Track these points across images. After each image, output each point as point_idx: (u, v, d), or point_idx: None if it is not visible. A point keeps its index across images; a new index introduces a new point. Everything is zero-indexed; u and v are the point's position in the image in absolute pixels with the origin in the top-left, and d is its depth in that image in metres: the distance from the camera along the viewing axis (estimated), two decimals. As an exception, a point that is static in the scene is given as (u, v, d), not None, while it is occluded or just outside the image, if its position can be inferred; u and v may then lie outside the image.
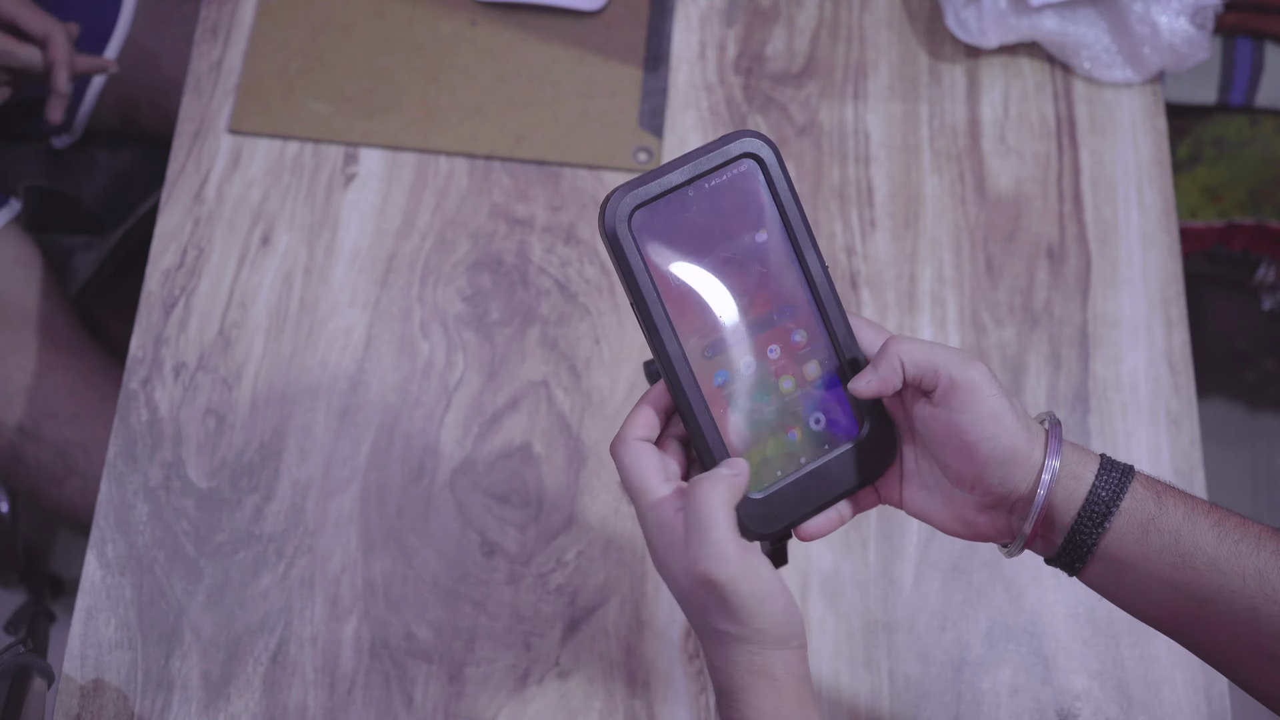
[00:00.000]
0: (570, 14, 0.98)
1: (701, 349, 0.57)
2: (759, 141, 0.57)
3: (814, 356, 0.59)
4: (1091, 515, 0.56)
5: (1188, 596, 0.55)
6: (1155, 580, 0.55)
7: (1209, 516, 0.55)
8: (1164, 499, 0.56)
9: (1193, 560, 0.54)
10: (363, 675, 0.79)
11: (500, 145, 0.94)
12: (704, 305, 0.57)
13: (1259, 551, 0.54)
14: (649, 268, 0.56)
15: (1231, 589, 0.54)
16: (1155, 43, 0.94)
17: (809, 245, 0.58)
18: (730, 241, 0.57)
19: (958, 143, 0.96)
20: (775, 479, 0.59)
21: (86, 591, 0.80)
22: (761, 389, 0.58)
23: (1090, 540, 0.56)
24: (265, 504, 0.83)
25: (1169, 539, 0.55)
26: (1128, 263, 0.92)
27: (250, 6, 0.97)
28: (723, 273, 0.57)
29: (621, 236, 0.55)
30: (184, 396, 0.85)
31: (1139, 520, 0.55)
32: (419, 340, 0.88)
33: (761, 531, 0.59)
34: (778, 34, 0.99)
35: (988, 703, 0.80)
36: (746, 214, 0.57)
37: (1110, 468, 0.56)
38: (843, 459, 0.59)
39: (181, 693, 0.78)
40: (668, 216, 0.56)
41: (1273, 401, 1.64)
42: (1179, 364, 0.89)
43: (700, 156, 0.56)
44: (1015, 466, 0.56)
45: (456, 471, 0.84)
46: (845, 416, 0.60)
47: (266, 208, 0.91)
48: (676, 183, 0.56)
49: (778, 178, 0.57)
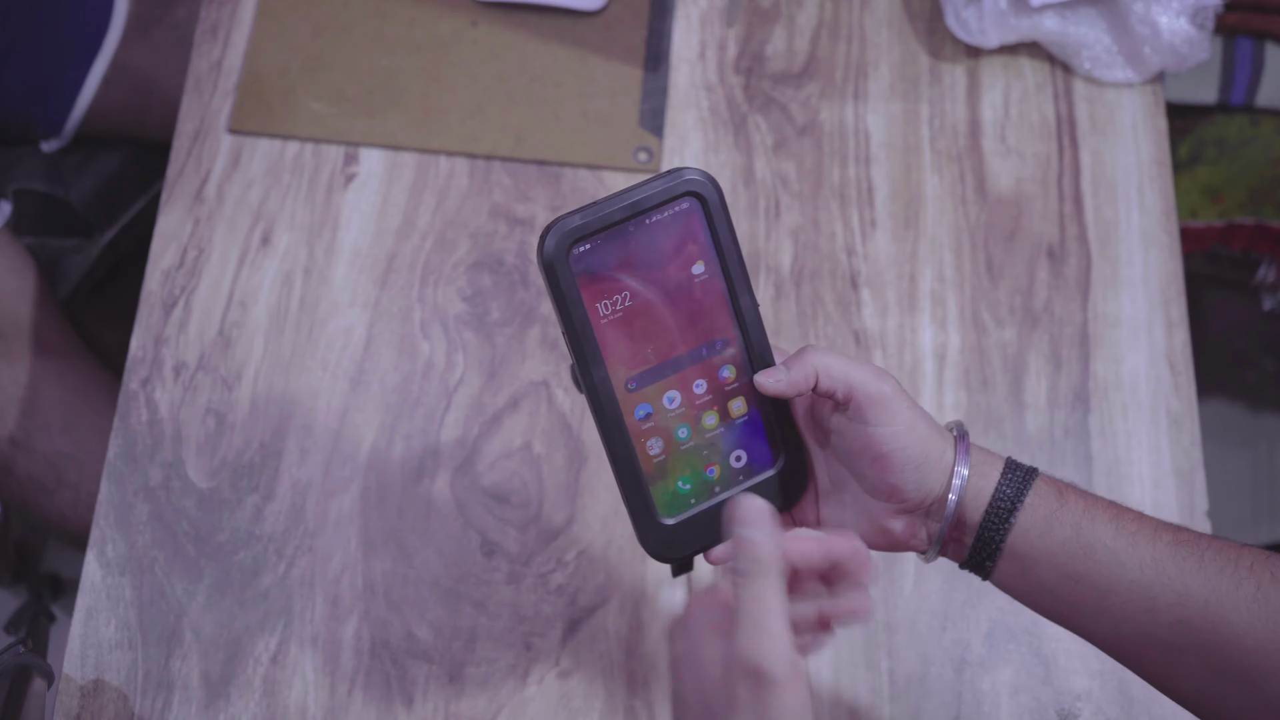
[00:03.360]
0: (570, 14, 0.98)
1: (625, 381, 0.58)
2: (702, 179, 0.57)
3: (740, 393, 0.61)
4: (997, 512, 0.58)
5: (1090, 589, 0.57)
6: (1059, 574, 0.58)
7: (1107, 511, 0.58)
8: (1065, 495, 0.58)
9: (1093, 552, 0.57)
10: (363, 675, 0.79)
11: (500, 145, 0.94)
12: (633, 339, 0.58)
13: (1155, 543, 0.57)
14: (583, 299, 0.57)
15: (1129, 579, 0.56)
16: (1156, 43, 0.94)
17: (743, 284, 0.59)
18: (666, 277, 0.58)
19: (958, 143, 0.96)
20: (689, 507, 0.61)
21: (86, 591, 0.80)
22: (683, 424, 0.60)
23: (998, 537, 0.58)
24: (265, 504, 0.83)
25: (1070, 532, 0.57)
26: (1128, 263, 0.92)
27: (250, 6, 0.97)
28: (655, 308, 0.58)
29: (559, 268, 0.56)
30: (184, 396, 0.85)
31: (1042, 515, 0.58)
32: (419, 340, 0.88)
33: (669, 556, 0.61)
34: (778, 34, 0.99)
35: (988, 703, 0.80)
36: (684, 251, 0.58)
37: (1014, 468, 0.59)
38: (756, 490, 0.61)
39: (182, 693, 0.78)
40: (606, 250, 0.57)
41: (1273, 401, 1.64)
42: (1179, 364, 0.89)
43: (643, 192, 0.57)
44: (929, 470, 0.58)
45: (456, 471, 0.84)
46: (763, 451, 0.61)
47: (266, 208, 0.91)
48: (617, 218, 0.56)
49: (718, 216, 0.58)
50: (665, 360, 0.59)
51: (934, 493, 0.59)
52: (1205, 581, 0.55)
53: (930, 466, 0.58)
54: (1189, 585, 0.56)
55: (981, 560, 0.59)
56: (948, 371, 0.88)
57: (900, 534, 0.60)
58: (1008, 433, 0.87)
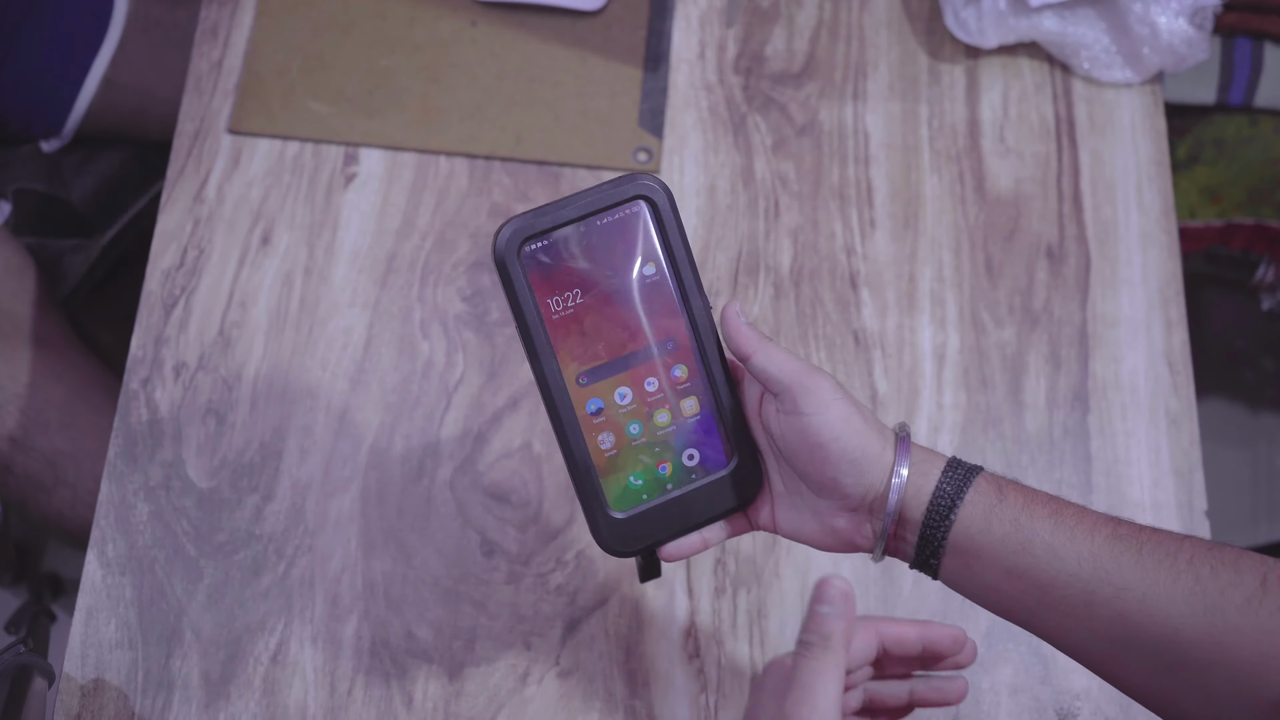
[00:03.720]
0: (570, 14, 0.98)
1: (576, 377, 0.60)
2: (654, 185, 0.60)
3: (692, 392, 0.62)
4: (938, 509, 0.59)
5: (1030, 584, 0.58)
6: (1000, 569, 0.58)
7: (1047, 506, 0.58)
8: (1005, 491, 0.59)
9: (1032, 547, 0.57)
10: (363, 675, 0.79)
11: (500, 145, 0.94)
12: (585, 335, 0.60)
13: (1093, 536, 0.57)
14: (534, 295, 0.59)
15: (1068, 573, 0.57)
16: (1154, 43, 0.94)
17: (694, 286, 0.61)
18: (617, 277, 0.60)
19: (957, 143, 0.96)
20: (640, 502, 0.62)
21: (87, 591, 0.80)
22: (635, 420, 0.61)
23: (939, 534, 0.59)
24: (265, 504, 0.83)
25: (1010, 527, 0.58)
26: (1127, 263, 0.92)
27: (250, 6, 0.97)
28: (607, 306, 0.60)
29: (510, 265, 0.59)
30: (184, 396, 0.86)
31: (981, 511, 0.58)
32: (419, 340, 0.88)
33: (619, 549, 0.62)
34: (777, 34, 0.99)
35: (987, 702, 0.80)
36: (634, 253, 0.60)
37: (956, 466, 0.60)
38: (710, 488, 0.62)
39: (182, 692, 0.78)
40: (558, 249, 0.59)
41: (1272, 401, 1.64)
42: (1178, 364, 0.89)
43: (596, 194, 0.59)
44: (868, 465, 0.59)
45: (456, 471, 0.84)
46: (716, 451, 0.63)
47: (266, 208, 0.91)
48: (568, 218, 0.59)
49: (669, 220, 0.60)
50: (617, 357, 0.61)
51: (875, 490, 0.59)
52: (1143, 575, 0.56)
53: (869, 462, 0.59)
54: (1126, 579, 0.56)
55: (926, 558, 0.60)
56: (947, 371, 0.89)
57: (847, 533, 0.61)
58: (1007, 432, 0.87)
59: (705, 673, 0.80)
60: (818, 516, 0.61)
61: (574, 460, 0.61)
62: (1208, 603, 0.54)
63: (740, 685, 0.79)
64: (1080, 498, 0.85)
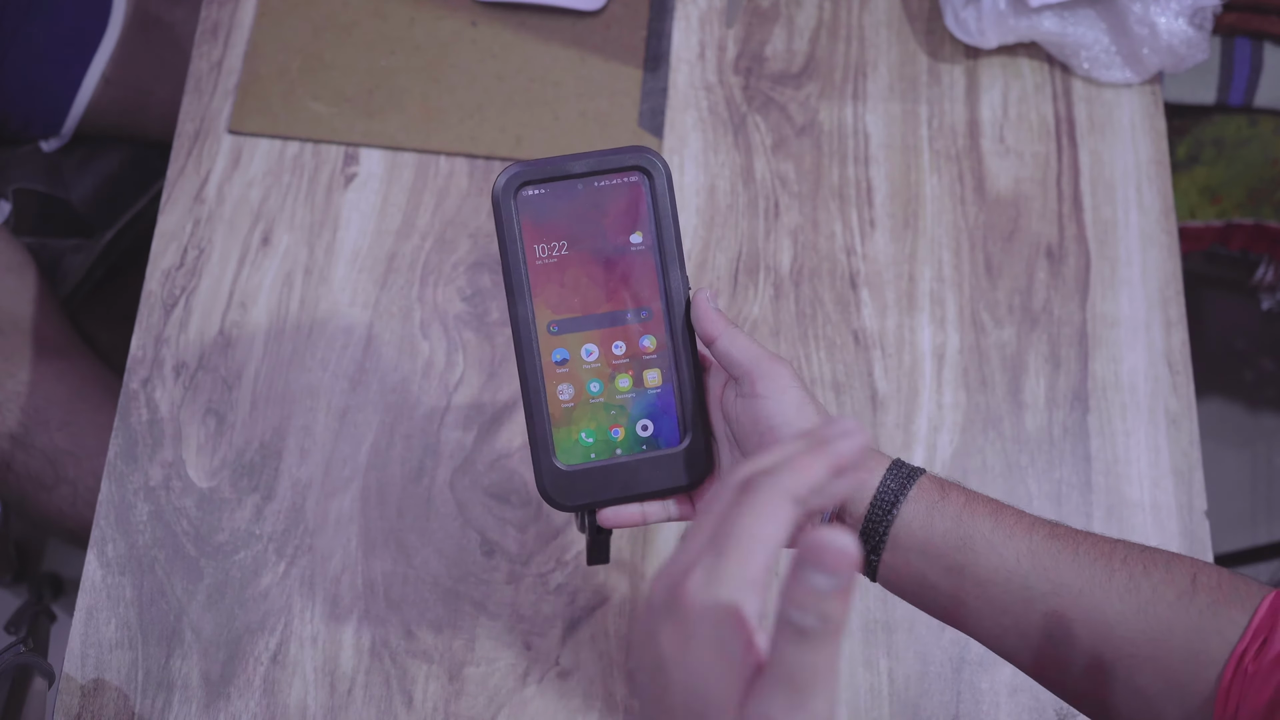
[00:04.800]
0: (570, 14, 0.98)
1: (548, 323, 0.62)
2: (654, 159, 0.62)
3: (657, 365, 0.64)
4: (881, 504, 0.60)
5: (970, 580, 0.58)
6: (941, 566, 0.59)
7: (987, 506, 0.59)
8: (947, 490, 0.60)
9: (972, 542, 0.58)
10: (363, 675, 0.79)
11: (500, 145, 0.94)
12: (563, 286, 0.62)
13: (1031, 535, 0.58)
14: (522, 238, 0.61)
15: (1007, 569, 0.58)
16: (1154, 43, 0.94)
17: (676, 262, 0.63)
18: (604, 239, 0.62)
19: (957, 143, 0.96)
20: (587, 460, 0.63)
21: (87, 591, 0.80)
22: (596, 378, 0.63)
23: (881, 528, 0.60)
24: (265, 504, 0.83)
25: (951, 523, 0.59)
26: (1127, 263, 0.93)
27: (250, 6, 0.97)
28: (589, 264, 0.62)
29: (504, 203, 0.61)
30: (184, 396, 0.86)
31: (924, 507, 0.59)
32: (419, 340, 0.88)
33: (559, 501, 0.63)
34: (777, 34, 0.99)
35: (987, 702, 0.80)
36: (625, 219, 0.63)
37: (900, 466, 0.61)
38: (657, 463, 0.64)
39: (182, 692, 0.78)
40: (553, 199, 0.62)
41: (1271, 401, 1.64)
42: (1178, 364, 0.90)
43: (599, 157, 0.62)
44: None
45: (456, 471, 0.84)
46: (671, 427, 0.64)
47: (267, 208, 0.91)
48: (568, 172, 0.62)
49: (662, 195, 0.62)
50: (589, 314, 0.63)
51: None
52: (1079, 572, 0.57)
53: None
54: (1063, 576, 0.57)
55: (867, 555, 0.60)
56: (946, 371, 0.89)
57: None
58: (1006, 432, 0.87)
59: (705, 673, 0.80)
60: None
61: (530, 403, 0.62)
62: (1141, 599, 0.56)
63: (740, 685, 0.79)
64: (1080, 497, 0.85)
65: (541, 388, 0.62)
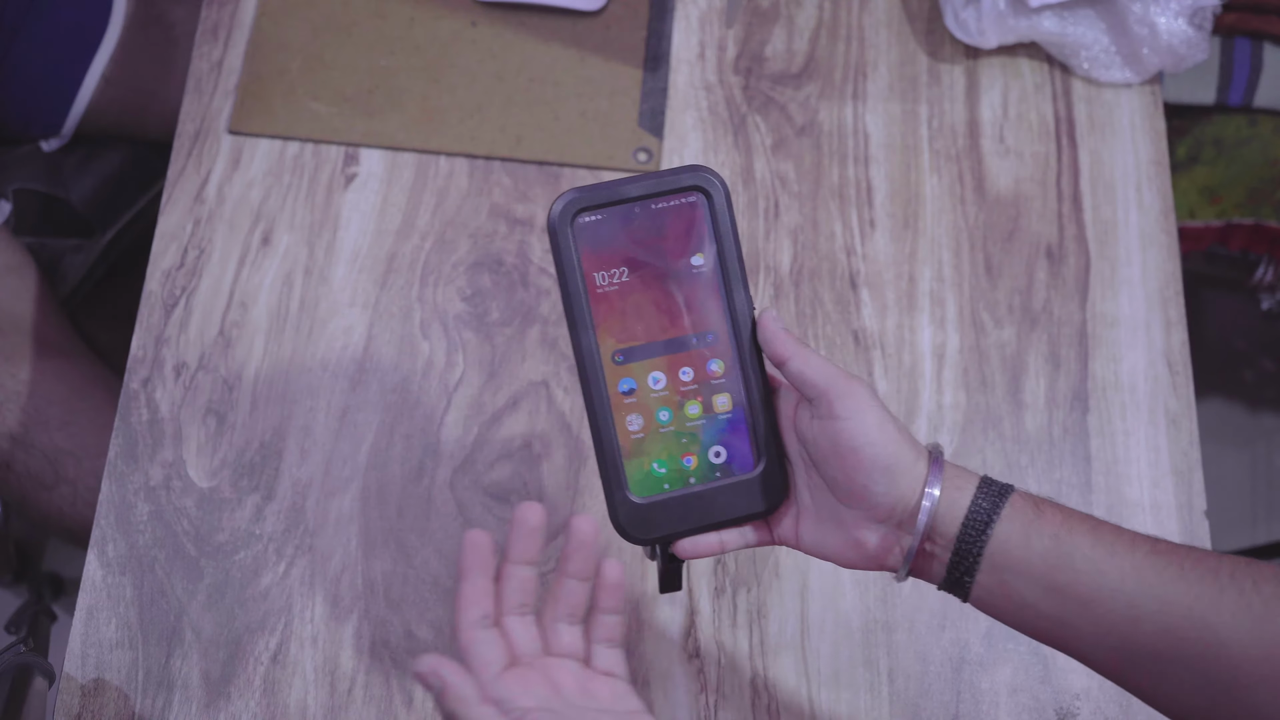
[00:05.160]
0: (570, 14, 0.98)
1: (612, 353, 0.60)
2: (711, 178, 0.60)
3: (727, 390, 0.62)
4: (974, 523, 0.58)
5: (1071, 599, 0.57)
6: (1041, 586, 0.57)
7: (1085, 522, 0.58)
8: (1041, 507, 0.58)
9: (1072, 561, 0.57)
10: (363, 675, 0.79)
11: (500, 145, 0.94)
12: (625, 314, 0.60)
13: (1134, 551, 0.57)
14: (581, 266, 0.60)
15: (1111, 588, 0.56)
16: (1154, 43, 0.94)
17: (739, 282, 0.61)
18: (664, 263, 0.61)
19: (957, 143, 0.96)
20: (661, 490, 0.62)
21: (87, 591, 0.81)
22: (665, 406, 0.61)
23: (975, 549, 0.58)
24: (265, 504, 0.83)
25: (1049, 542, 0.57)
26: (1127, 263, 0.93)
27: (250, 6, 0.97)
28: (652, 289, 0.61)
29: (561, 232, 0.59)
30: (184, 396, 0.86)
31: (1020, 526, 0.57)
32: (419, 340, 0.88)
33: (633, 535, 0.61)
34: (777, 34, 0.99)
35: (987, 702, 0.80)
36: (685, 241, 0.61)
37: (990, 484, 0.59)
38: (732, 490, 0.62)
39: (182, 692, 0.78)
40: (611, 226, 0.60)
41: (1271, 401, 1.64)
42: (1178, 364, 0.90)
43: (655, 179, 0.60)
44: (900, 475, 0.58)
45: (457, 471, 0.84)
46: (744, 452, 0.62)
47: (267, 208, 0.91)
48: (625, 196, 0.60)
49: (722, 215, 0.61)
50: (654, 341, 0.61)
51: (906, 501, 0.58)
52: (1188, 589, 0.55)
53: (901, 472, 0.58)
54: (1171, 593, 0.55)
55: (960, 576, 0.59)
56: (946, 371, 0.89)
57: (874, 548, 0.60)
58: (1006, 432, 0.87)
59: (705, 673, 0.80)
60: (843, 530, 0.60)
61: (600, 436, 0.61)
62: (1254, 617, 0.54)
63: (740, 685, 0.80)
64: (1080, 497, 0.85)
65: (610, 420, 0.61)
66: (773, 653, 0.80)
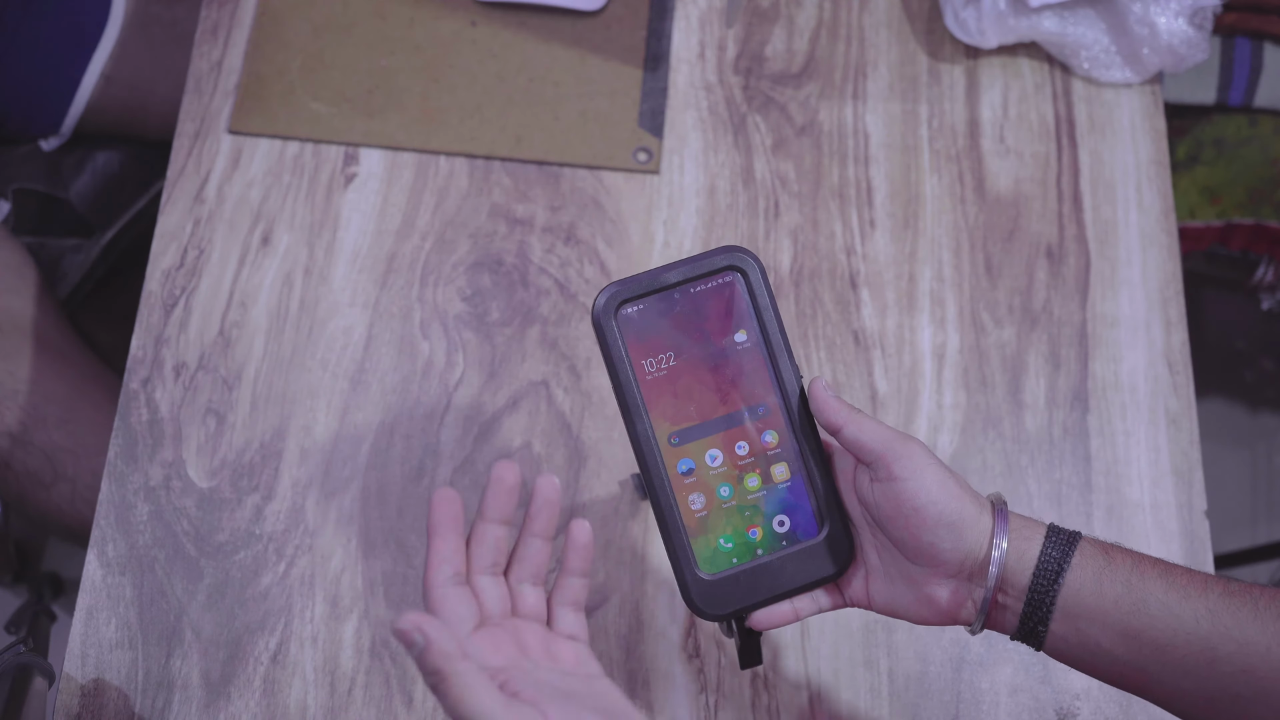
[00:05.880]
0: (570, 14, 0.98)
1: (668, 436, 0.62)
2: (745, 257, 0.63)
3: (783, 459, 0.63)
4: (1046, 573, 0.58)
5: (1147, 644, 0.57)
6: (1115, 632, 0.57)
7: (1155, 566, 0.58)
8: (1111, 554, 0.59)
9: (1146, 606, 0.57)
10: (363, 675, 0.79)
11: (500, 145, 0.94)
12: (677, 397, 0.62)
13: (1208, 593, 0.57)
14: (629, 355, 0.61)
15: (1187, 631, 0.56)
16: (1154, 43, 0.94)
17: (784, 354, 0.63)
18: (709, 343, 0.63)
19: (957, 143, 0.96)
20: (730, 565, 0.63)
21: (87, 591, 0.81)
22: (725, 482, 0.63)
23: (1049, 598, 0.58)
24: (265, 504, 0.83)
25: (1121, 588, 0.57)
26: (1127, 263, 0.93)
27: (250, 6, 0.97)
28: (699, 370, 0.62)
29: (606, 325, 0.62)
30: (184, 396, 0.86)
31: (1091, 573, 0.58)
32: (419, 340, 0.88)
33: (709, 611, 0.63)
34: (777, 34, 0.99)
35: (987, 702, 0.80)
36: (726, 319, 0.63)
37: (1058, 532, 0.60)
38: (799, 557, 0.63)
39: (182, 692, 0.78)
40: (653, 313, 0.62)
41: (1271, 401, 1.64)
42: (1178, 364, 0.90)
43: (691, 264, 0.62)
44: (965, 529, 0.59)
45: (457, 471, 0.84)
46: (807, 519, 0.64)
47: (267, 208, 0.91)
48: (663, 284, 0.62)
49: (759, 290, 0.63)
50: (708, 419, 0.63)
51: (974, 555, 0.59)
52: (1263, 629, 0.55)
53: (966, 526, 0.59)
54: (1247, 634, 0.55)
55: (1034, 625, 0.59)
56: (947, 371, 0.89)
57: (946, 603, 0.60)
58: (1006, 433, 0.87)
59: (705, 673, 0.80)
60: (914, 587, 0.61)
61: (665, 518, 0.62)
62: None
63: (740, 685, 0.80)
64: (1080, 498, 0.85)
65: (674, 501, 0.62)
66: (771, 652, 0.80)
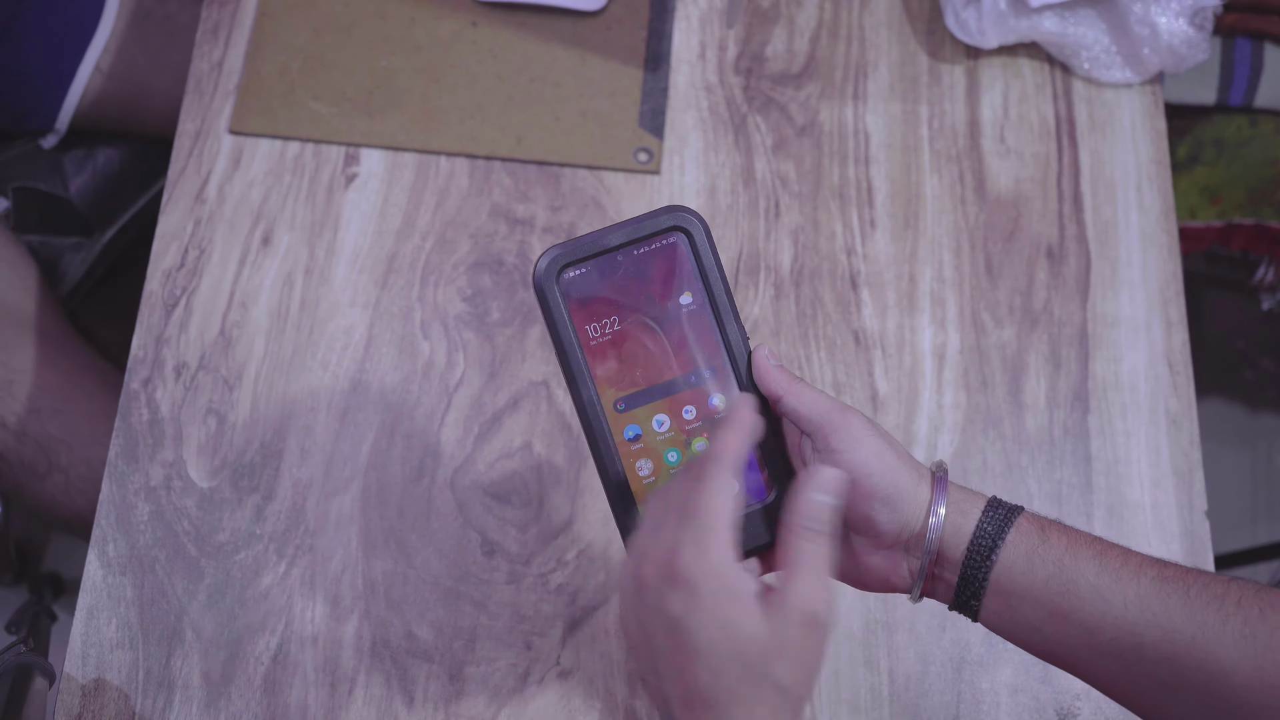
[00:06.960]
0: (570, 14, 0.98)
1: (614, 402, 0.61)
2: (689, 216, 0.61)
3: None
4: (979, 548, 0.58)
5: (1076, 626, 0.57)
6: (1045, 611, 0.57)
7: (1091, 547, 0.58)
8: (1047, 532, 0.58)
9: (1077, 588, 0.57)
10: (363, 675, 0.79)
11: (500, 145, 0.94)
12: (622, 362, 0.61)
13: (1139, 578, 0.56)
14: (572, 321, 0.60)
15: (1114, 615, 0.56)
16: (1154, 43, 0.94)
17: (730, 315, 0.62)
18: (654, 306, 0.61)
19: (957, 143, 0.96)
20: None
21: (88, 591, 0.81)
22: (672, 447, 0.62)
23: (981, 574, 0.58)
24: (266, 504, 0.83)
25: (1053, 568, 0.57)
26: (1127, 263, 0.93)
27: (251, 7, 0.97)
28: (644, 334, 0.61)
29: (548, 290, 0.60)
30: (185, 396, 0.86)
31: (1024, 552, 0.57)
32: (419, 340, 0.88)
33: None
34: (778, 34, 0.99)
35: (987, 702, 0.80)
36: (671, 282, 0.61)
37: (997, 506, 0.59)
38: (747, 521, 0.62)
39: (182, 692, 0.78)
40: (596, 277, 0.61)
41: (1272, 401, 1.64)
42: (1178, 364, 0.90)
43: (633, 225, 0.61)
44: (903, 503, 0.58)
45: (457, 471, 0.84)
46: (756, 482, 0.62)
47: (267, 208, 0.91)
48: (606, 246, 0.61)
49: (704, 251, 0.61)
50: (654, 384, 0.61)
51: (910, 528, 0.59)
52: (1191, 617, 0.55)
53: (904, 500, 0.58)
54: (1174, 621, 0.55)
55: (967, 599, 0.59)
56: (947, 371, 0.89)
57: (885, 572, 0.60)
58: (1007, 433, 0.87)
59: (705, 673, 0.80)
60: (852, 555, 0.61)
61: (611, 485, 0.61)
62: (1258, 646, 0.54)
63: (740, 685, 0.79)
64: (1080, 498, 0.85)
65: (620, 468, 0.61)
66: (773, 653, 0.80)
